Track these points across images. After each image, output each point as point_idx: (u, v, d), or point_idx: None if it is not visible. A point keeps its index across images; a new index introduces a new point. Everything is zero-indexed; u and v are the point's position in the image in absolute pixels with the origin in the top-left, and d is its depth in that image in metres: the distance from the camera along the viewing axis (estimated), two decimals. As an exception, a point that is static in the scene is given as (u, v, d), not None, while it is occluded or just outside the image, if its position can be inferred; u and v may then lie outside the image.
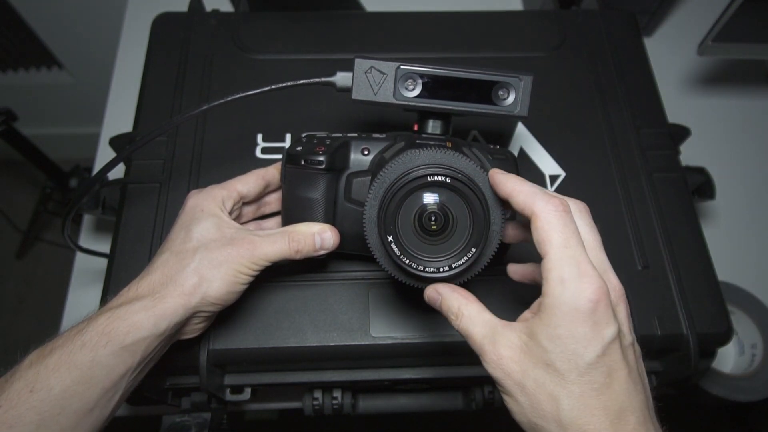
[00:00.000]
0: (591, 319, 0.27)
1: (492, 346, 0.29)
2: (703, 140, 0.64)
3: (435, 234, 0.33)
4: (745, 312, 0.61)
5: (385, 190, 0.33)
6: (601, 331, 0.27)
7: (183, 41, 0.57)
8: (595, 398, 0.27)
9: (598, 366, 0.27)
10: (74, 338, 0.33)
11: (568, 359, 0.27)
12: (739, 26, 0.61)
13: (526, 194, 0.30)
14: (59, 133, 1.46)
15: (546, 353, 0.27)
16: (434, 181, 0.32)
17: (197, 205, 0.39)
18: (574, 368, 0.27)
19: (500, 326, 0.30)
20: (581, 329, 0.27)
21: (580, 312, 0.27)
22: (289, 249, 0.38)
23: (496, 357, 0.29)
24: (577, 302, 0.27)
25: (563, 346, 0.27)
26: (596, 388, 0.27)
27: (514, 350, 0.29)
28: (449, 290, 0.32)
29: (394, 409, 0.52)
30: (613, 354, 0.27)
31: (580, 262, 0.27)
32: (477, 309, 0.31)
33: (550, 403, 0.27)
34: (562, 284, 0.27)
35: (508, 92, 0.38)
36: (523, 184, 0.30)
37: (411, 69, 0.37)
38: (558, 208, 0.29)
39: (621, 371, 0.27)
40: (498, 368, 0.29)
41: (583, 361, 0.27)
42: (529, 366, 0.28)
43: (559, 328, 0.27)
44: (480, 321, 0.30)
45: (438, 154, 0.33)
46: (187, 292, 0.35)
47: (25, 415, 0.30)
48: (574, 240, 0.28)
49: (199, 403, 0.46)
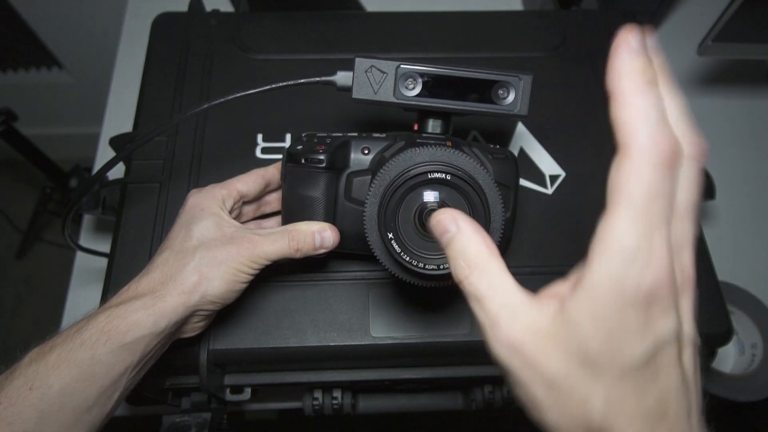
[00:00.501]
0: (646, 307, 0.21)
1: (510, 323, 0.22)
2: (704, 140, 0.64)
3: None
4: (745, 312, 0.61)
5: (386, 187, 0.33)
6: (655, 324, 0.21)
7: (183, 41, 0.57)
8: (636, 403, 0.21)
9: (644, 367, 0.21)
10: (74, 336, 0.33)
11: (610, 351, 0.21)
12: (739, 26, 0.61)
13: (634, 115, 0.22)
14: (59, 133, 1.46)
15: (585, 341, 0.21)
16: (434, 178, 0.32)
17: (197, 204, 0.39)
18: (617, 366, 0.21)
19: (522, 297, 0.23)
20: (633, 317, 0.21)
21: (636, 294, 0.20)
22: (289, 248, 0.38)
23: (512, 338, 0.22)
24: (635, 280, 0.20)
25: (607, 333, 0.21)
26: (638, 393, 0.21)
27: (539, 333, 0.22)
28: (472, 229, 0.25)
29: (394, 409, 0.52)
30: (666, 355, 0.22)
31: (655, 235, 0.20)
32: (499, 268, 0.24)
33: (580, 403, 0.22)
34: (624, 255, 0.20)
35: (507, 91, 0.38)
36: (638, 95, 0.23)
37: (411, 68, 0.38)
38: (663, 157, 0.21)
39: (672, 376, 0.22)
40: (515, 353, 0.22)
41: (629, 358, 0.21)
42: (560, 355, 0.22)
43: (606, 308, 0.21)
44: (500, 285, 0.23)
45: (438, 152, 0.33)
46: (187, 291, 0.35)
47: (25, 412, 0.30)
48: (662, 202, 0.21)
49: (199, 403, 0.46)
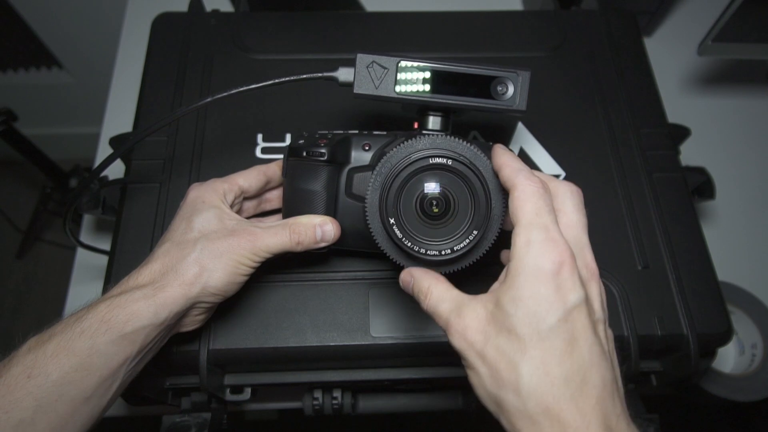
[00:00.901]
0: (554, 281, 0.26)
1: (457, 318, 0.29)
2: (703, 140, 0.64)
3: (437, 217, 0.33)
4: (745, 312, 0.61)
5: (387, 173, 0.33)
6: (564, 294, 0.26)
7: (183, 41, 0.57)
8: (557, 366, 0.26)
9: (559, 331, 0.26)
10: (73, 325, 0.33)
11: (528, 322, 0.26)
12: (739, 26, 0.61)
13: (512, 169, 0.30)
14: (59, 133, 1.46)
15: (508, 317, 0.27)
16: (436, 163, 0.32)
17: (199, 196, 0.39)
18: (535, 332, 0.26)
19: (467, 299, 0.30)
20: (543, 290, 0.26)
21: (543, 272, 0.27)
22: (290, 240, 0.38)
23: (460, 328, 0.29)
24: (541, 262, 0.27)
25: (525, 309, 0.26)
26: (557, 355, 0.26)
27: (479, 320, 0.28)
28: (421, 272, 0.33)
29: (394, 409, 0.52)
30: (578, 321, 0.26)
31: (548, 229, 0.28)
32: (445, 287, 0.31)
33: (509, 371, 0.26)
34: (527, 246, 0.27)
35: (506, 87, 0.38)
36: (514, 161, 0.31)
37: (411, 64, 0.38)
38: (536, 184, 0.29)
39: (586, 341, 0.26)
40: (462, 339, 0.28)
41: (545, 324, 0.26)
42: (492, 333, 0.27)
43: (521, 290, 0.27)
44: (448, 297, 0.30)
45: (439, 140, 0.34)
46: (188, 282, 0.35)
47: (22, 400, 0.30)
48: (546, 210, 0.28)
49: (199, 403, 0.46)
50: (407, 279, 0.33)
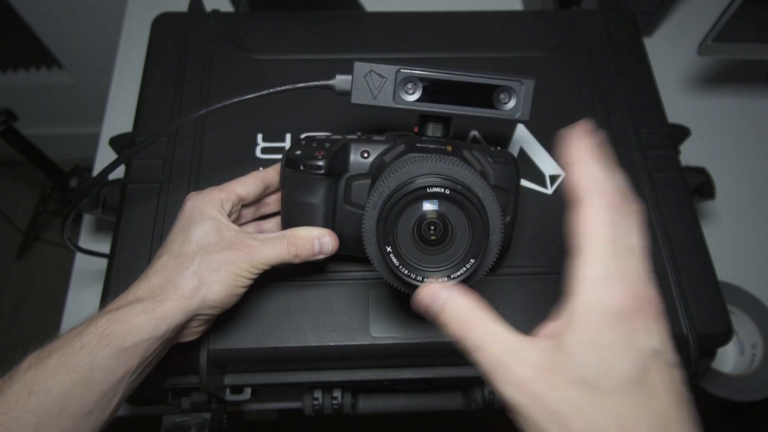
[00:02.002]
0: (627, 325, 0.23)
1: (514, 363, 0.24)
2: (703, 140, 0.64)
3: (434, 244, 0.33)
4: (745, 312, 0.61)
5: (384, 200, 0.33)
6: (638, 340, 0.23)
7: (183, 41, 0.57)
8: (639, 422, 0.23)
9: (640, 382, 0.23)
10: (73, 340, 0.33)
11: (605, 373, 0.23)
12: (739, 26, 0.61)
13: (585, 177, 0.25)
14: (59, 133, 1.46)
15: (581, 366, 0.23)
16: (433, 192, 0.32)
17: (196, 207, 0.39)
18: (613, 382, 0.23)
19: (522, 340, 0.25)
20: (618, 336, 0.23)
21: (619, 315, 0.23)
22: (288, 253, 0.38)
23: (520, 377, 0.24)
24: (616, 303, 0.23)
25: (600, 357, 0.23)
26: (640, 410, 0.23)
27: (542, 369, 0.24)
28: (460, 290, 0.28)
29: (394, 409, 0.52)
30: (656, 370, 0.23)
31: (624, 264, 0.24)
32: (492, 318, 0.27)
33: (586, 426, 0.23)
34: (601, 282, 0.24)
35: (509, 96, 0.38)
36: (588, 162, 0.26)
37: (411, 73, 0.37)
38: (613, 204, 0.25)
39: (667, 392, 0.23)
40: (523, 391, 0.24)
41: (623, 373, 0.23)
42: (563, 385, 0.23)
43: (593, 334, 0.23)
44: (497, 332, 0.26)
45: (438, 164, 0.33)
46: (187, 296, 0.35)
47: (24, 417, 0.30)
48: (623, 240, 0.24)
49: (199, 403, 0.46)
50: (431, 299, 0.28)
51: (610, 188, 0.25)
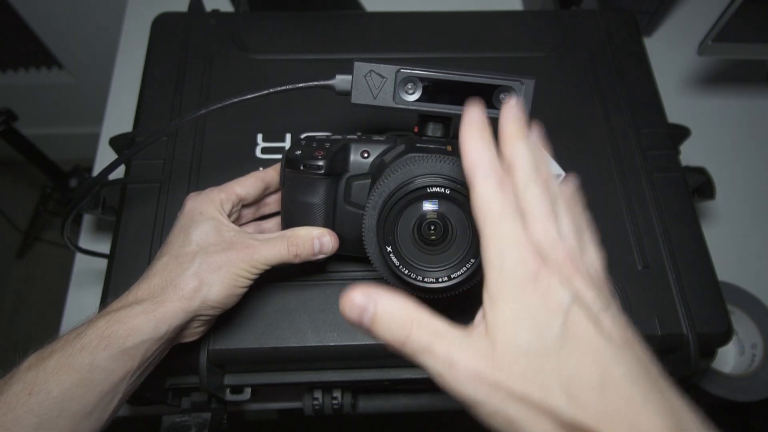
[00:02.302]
0: (538, 287, 0.24)
1: (463, 357, 0.24)
2: (703, 140, 0.64)
3: (434, 244, 0.33)
4: (745, 312, 0.61)
5: (384, 200, 0.33)
6: (552, 299, 0.23)
7: (183, 41, 0.57)
8: (586, 376, 0.23)
9: (567, 337, 0.23)
10: (73, 341, 0.33)
11: (537, 338, 0.23)
12: (739, 26, 0.61)
13: (469, 163, 0.26)
14: (59, 133, 1.46)
15: (516, 339, 0.23)
16: (433, 192, 0.32)
17: (196, 208, 0.39)
18: (548, 346, 0.23)
19: (461, 332, 0.25)
20: (534, 302, 0.23)
21: (526, 281, 0.24)
22: (288, 253, 0.38)
23: (471, 369, 0.23)
24: (520, 270, 0.24)
25: (529, 325, 0.23)
26: (579, 364, 0.23)
27: (487, 356, 0.23)
28: (388, 293, 0.26)
29: (394, 409, 0.52)
30: (578, 324, 0.23)
31: (516, 235, 0.24)
32: (429, 314, 0.26)
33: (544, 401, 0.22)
34: (502, 256, 0.24)
35: (509, 96, 0.38)
36: (477, 148, 0.26)
37: (411, 73, 0.37)
38: (495, 184, 0.25)
39: (593, 341, 0.23)
40: (479, 382, 0.23)
41: (552, 333, 0.23)
42: (510, 362, 0.23)
43: (515, 305, 0.24)
44: (439, 329, 0.25)
45: (438, 164, 0.33)
46: (187, 296, 0.35)
47: (24, 417, 0.30)
48: (510, 213, 0.25)
49: (199, 403, 0.46)
50: (361, 303, 0.26)
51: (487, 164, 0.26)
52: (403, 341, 0.26)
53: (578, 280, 0.25)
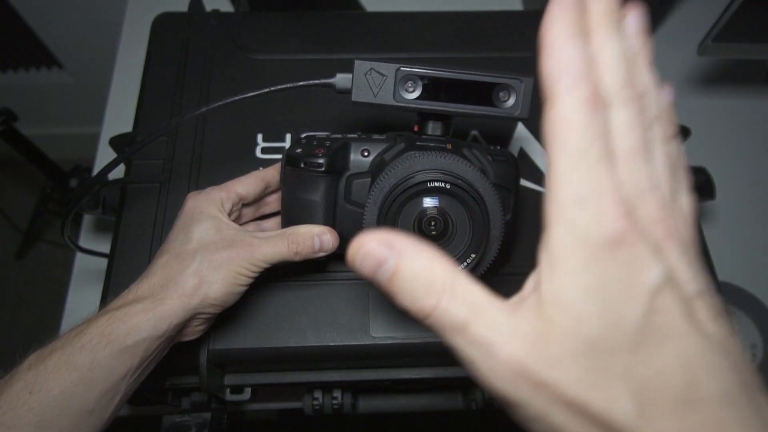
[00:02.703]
0: (619, 256, 0.17)
1: (507, 344, 0.18)
2: (703, 140, 0.64)
3: (435, 239, 0.33)
4: (745, 312, 0.61)
5: (384, 195, 0.33)
6: (638, 274, 0.17)
7: (183, 41, 0.57)
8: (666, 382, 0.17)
9: (652, 329, 0.17)
10: (74, 340, 0.33)
11: (609, 324, 0.17)
12: (739, 26, 0.61)
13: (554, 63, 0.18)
14: (59, 133, 1.46)
15: (579, 323, 0.17)
16: (434, 187, 0.32)
17: (196, 206, 0.39)
18: (622, 337, 0.17)
19: (503, 311, 0.19)
20: (613, 273, 0.17)
21: (605, 245, 0.17)
22: (289, 251, 0.38)
23: (514, 361, 0.18)
24: (599, 231, 0.17)
25: (603, 304, 0.17)
26: (662, 366, 0.17)
27: (529, 345, 0.18)
28: (415, 245, 0.20)
29: (394, 409, 0.52)
30: (670, 313, 0.17)
31: (602, 181, 0.18)
32: (468, 281, 0.20)
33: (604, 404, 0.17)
34: (578, 205, 0.18)
35: (508, 94, 0.38)
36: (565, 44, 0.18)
37: (411, 71, 0.37)
38: (585, 102, 0.18)
39: (690, 339, 0.17)
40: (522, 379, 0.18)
41: (631, 323, 0.17)
42: (569, 359, 0.17)
43: (585, 275, 0.17)
44: (480, 301, 0.19)
45: (438, 159, 0.33)
46: (187, 294, 0.35)
47: (24, 416, 0.30)
48: (598, 146, 0.18)
49: (199, 403, 0.46)
50: (380, 254, 0.20)
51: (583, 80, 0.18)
52: (429, 311, 0.20)
53: (672, 250, 0.19)
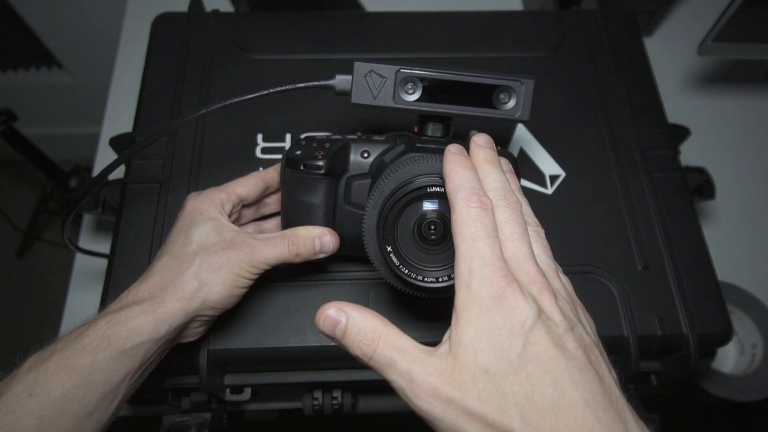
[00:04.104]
0: (502, 306, 0.24)
1: (423, 374, 0.25)
2: (703, 140, 0.64)
3: (434, 243, 0.33)
4: (745, 312, 0.61)
5: (384, 199, 0.33)
6: (516, 318, 0.24)
7: (183, 41, 0.57)
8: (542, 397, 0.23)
9: (527, 357, 0.23)
10: (74, 342, 0.33)
11: (499, 356, 0.24)
12: (739, 26, 0.61)
13: (452, 186, 0.28)
14: (59, 133, 1.46)
15: (478, 355, 0.24)
16: (433, 192, 0.32)
17: (196, 208, 0.39)
18: (508, 365, 0.23)
19: (425, 350, 0.26)
20: (498, 319, 0.24)
21: (489, 301, 0.24)
22: (289, 252, 0.38)
23: (429, 386, 0.24)
24: (483, 292, 0.25)
25: (491, 342, 0.24)
26: (537, 384, 0.23)
27: (446, 373, 0.24)
28: (359, 310, 0.28)
29: (394, 409, 0.52)
30: (540, 343, 0.24)
31: (486, 254, 0.25)
32: (398, 333, 0.27)
33: (500, 415, 0.23)
34: (471, 275, 0.25)
35: (509, 96, 0.38)
36: (459, 172, 0.28)
37: (411, 73, 0.37)
38: (475, 205, 0.27)
39: (553, 360, 0.23)
40: (436, 399, 0.24)
41: (513, 354, 0.23)
42: (468, 381, 0.24)
43: (480, 323, 0.24)
44: (406, 347, 0.26)
45: (438, 163, 0.33)
46: (187, 296, 0.35)
47: (24, 419, 0.30)
48: (484, 233, 0.26)
49: (199, 403, 0.46)
50: (334, 317, 0.28)
51: (468, 186, 0.28)
52: (370, 355, 0.27)
53: (546, 298, 0.26)
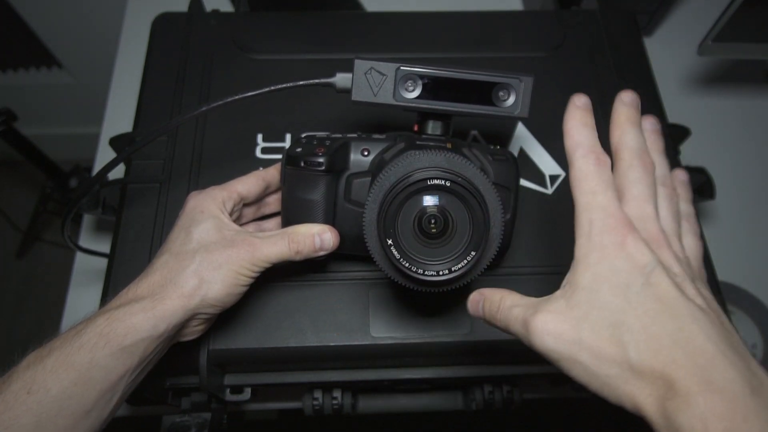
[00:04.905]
0: (623, 251, 0.26)
1: (535, 316, 0.27)
2: (703, 140, 0.64)
3: (435, 237, 0.33)
4: (745, 312, 0.61)
5: (385, 193, 0.33)
6: (637, 261, 0.26)
7: (183, 41, 0.57)
8: (659, 328, 0.25)
9: (647, 294, 0.25)
10: (72, 339, 0.32)
11: (616, 293, 0.26)
12: (739, 26, 0.61)
13: (571, 143, 0.30)
14: (59, 133, 1.46)
15: (594, 295, 0.26)
16: (434, 184, 0.32)
17: (197, 206, 0.39)
18: (626, 302, 0.25)
19: (541, 299, 0.29)
20: (618, 262, 0.26)
21: (610, 248, 0.26)
22: (289, 250, 0.38)
23: (541, 324, 0.27)
24: (605, 240, 0.27)
25: (608, 283, 0.26)
26: (655, 317, 0.25)
27: (561, 311, 0.27)
28: (491, 289, 0.32)
29: (394, 409, 0.52)
30: (661, 283, 0.26)
31: (607, 206, 0.27)
32: (518, 296, 0.30)
33: (613, 346, 0.25)
34: (590, 225, 0.27)
35: (508, 93, 0.38)
36: (579, 130, 0.30)
37: (411, 70, 0.37)
38: (591, 163, 0.29)
39: (679, 301, 0.25)
40: (546, 335, 0.27)
41: (632, 291, 0.26)
42: (581, 316, 0.26)
43: (598, 266, 0.26)
44: (521, 302, 0.29)
45: (438, 157, 0.33)
46: (187, 294, 0.35)
47: (22, 416, 0.30)
48: (602, 189, 0.28)
49: (199, 403, 0.46)
50: (476, 299, 0.32)
51: (586, 150, 0.29)
52: (494, 315, 0.31)
53: (666, 253, 0.28)
